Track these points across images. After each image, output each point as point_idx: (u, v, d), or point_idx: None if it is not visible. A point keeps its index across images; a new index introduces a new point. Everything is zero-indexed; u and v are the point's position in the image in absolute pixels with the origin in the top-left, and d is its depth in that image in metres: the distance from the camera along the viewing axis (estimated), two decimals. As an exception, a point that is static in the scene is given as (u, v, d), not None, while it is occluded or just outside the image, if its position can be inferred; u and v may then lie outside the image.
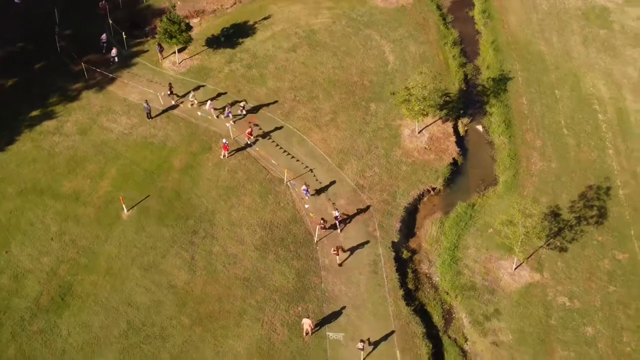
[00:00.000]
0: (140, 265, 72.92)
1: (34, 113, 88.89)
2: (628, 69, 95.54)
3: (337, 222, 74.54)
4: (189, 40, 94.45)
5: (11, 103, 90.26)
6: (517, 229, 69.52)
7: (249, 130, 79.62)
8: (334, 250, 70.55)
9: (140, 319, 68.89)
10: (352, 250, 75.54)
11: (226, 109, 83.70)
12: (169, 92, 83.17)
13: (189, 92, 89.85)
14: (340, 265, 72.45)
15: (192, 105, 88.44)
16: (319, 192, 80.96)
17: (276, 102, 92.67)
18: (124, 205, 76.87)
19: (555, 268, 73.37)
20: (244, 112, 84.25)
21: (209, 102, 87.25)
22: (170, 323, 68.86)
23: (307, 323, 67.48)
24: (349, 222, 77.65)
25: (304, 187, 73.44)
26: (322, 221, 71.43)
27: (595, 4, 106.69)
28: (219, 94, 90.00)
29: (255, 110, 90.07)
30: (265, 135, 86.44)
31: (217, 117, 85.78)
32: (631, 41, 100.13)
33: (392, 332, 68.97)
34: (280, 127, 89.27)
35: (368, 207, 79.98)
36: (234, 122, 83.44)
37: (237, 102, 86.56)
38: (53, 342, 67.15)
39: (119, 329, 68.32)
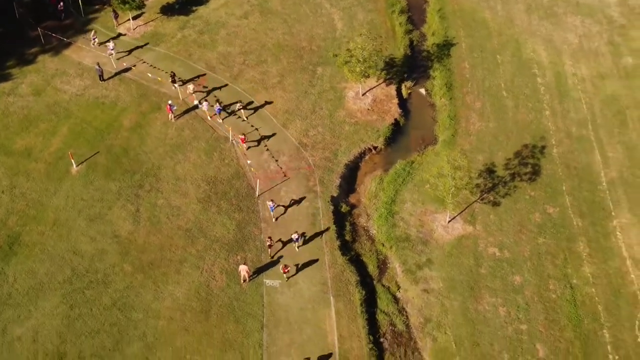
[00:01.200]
0: (87, 216, 75.43)
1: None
2: (569, 35, 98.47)
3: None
4: (142, 6, 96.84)
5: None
6: (446, 180, 71.58)
7: (242, 137, 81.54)
8: (283, 268, 70.40)
9: (84, 266, 71.34)
10: (292, 204, 79.02)
11: (217, 104, 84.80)
12: (171, 80, 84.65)
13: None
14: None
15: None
16: (258, 142, 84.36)
17: (225, 65, 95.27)
18: (73, 161, 79.26)
19: (487, 221, 75.72)
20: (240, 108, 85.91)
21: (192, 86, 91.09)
22: (112, 270, 71.33)
23: (243, 269, 69.95)
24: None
25: (269, 202, 74.30)
26: (269, 239, 72.05)
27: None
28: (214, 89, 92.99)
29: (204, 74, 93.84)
30: (209, 93, 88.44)
31: (199, 102, 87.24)
32: (573, 9, 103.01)
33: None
34: (226, 86, 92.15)
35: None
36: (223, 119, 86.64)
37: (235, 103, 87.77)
38: (-1, 287, 67.91)
39: (64, 275, 70.75)
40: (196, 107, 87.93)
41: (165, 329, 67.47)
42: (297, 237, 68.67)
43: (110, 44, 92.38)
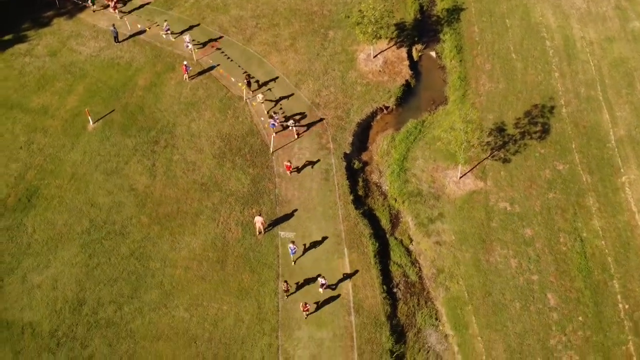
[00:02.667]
0: (104, 170, 76.73)
1: (6, 37, 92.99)
2: (576, 0, 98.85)
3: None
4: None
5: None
6: (458, 134, 72.50)
7: (288, 164, 77.29)
8: (303, 306, 65.85)
9: (102, 218, 72.73)
10: (306, 165, 79.99)
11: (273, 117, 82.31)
12: (246, 82, 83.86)
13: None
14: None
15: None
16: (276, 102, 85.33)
17: (238, 28, 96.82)
18: (89, 118, 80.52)
19: (498, 177, 76.85)
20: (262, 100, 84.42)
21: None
22: (130, 222, 72.69)
23: (259, 221, 71.10)
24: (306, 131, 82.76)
25: (290, 245, 69.69)
26: (285, 284, 67.39)
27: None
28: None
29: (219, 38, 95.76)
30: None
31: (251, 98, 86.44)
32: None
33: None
34: (241, 51, 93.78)
35: (321, 120, 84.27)
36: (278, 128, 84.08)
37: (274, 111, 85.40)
38: (19, 238, 71.14)
39: (82, 226, 72.14)
40: (211, 68, 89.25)
41: (182, 277, 68.63)
42: (323, 282, 65.79)
43: (187, 37, 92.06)
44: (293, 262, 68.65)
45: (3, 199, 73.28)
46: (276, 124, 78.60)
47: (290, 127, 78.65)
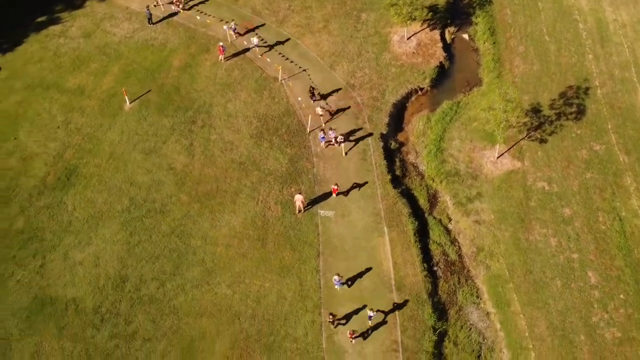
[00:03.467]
0: (142, 150, 76.86)
1: (41, 19, 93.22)
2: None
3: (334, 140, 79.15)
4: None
5: (19, 10, 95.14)
6: (497, 113, 72.73)
7: (335, 187, 74.21)
8: (350, 334, 63.08)
9: (141, 196, 73.15)
10: (346, 138, 79.57)
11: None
12: (310, 96, 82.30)
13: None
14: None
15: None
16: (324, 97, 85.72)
17: (270, 10, 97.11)
18: (126, 98, 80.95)
19: (535, 157, 76.74)
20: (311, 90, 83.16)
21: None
22: (170, 200, 73.04)
23: (299, 199, 71.30)
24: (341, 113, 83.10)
25: (335, 277, 66.57)
26: (330, 316, 64.01)
27: None
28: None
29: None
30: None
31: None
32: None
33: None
34: (276, 34, 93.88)
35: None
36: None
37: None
38: (59, 216, 71.44)
39: (122, 204, 72.57)
40: (247, 50, 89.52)
41: (223, 255, 68.93)
42: (372, 314, 62.63)
43: (255, 39, 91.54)
44: (338, 289, 66.70)
45: (42, 177, 73.55)
46: (325, 138, 77.16)
47: (339, 143, 77.19)
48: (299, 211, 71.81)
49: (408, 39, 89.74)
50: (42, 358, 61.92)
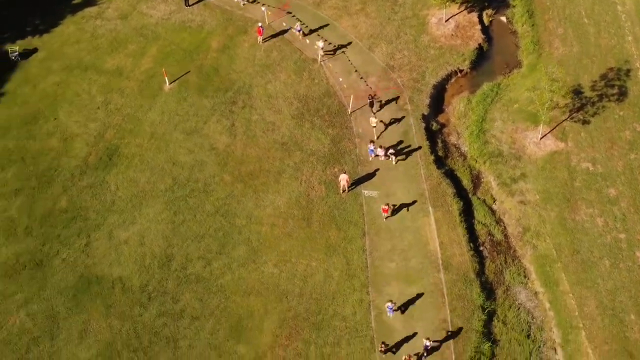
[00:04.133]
0: (183, 130, 76.32)
1: (76, 1, 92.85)
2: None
3: None
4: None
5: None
6: (542, 92, 72.53)
7: (386, 207, 70.97)
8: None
9: (184, 176, 72.81)
10: (392, 122, 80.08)
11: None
12: (369, 103, 79.62)
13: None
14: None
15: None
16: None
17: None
18: (166, 78, 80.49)
19: (578, 138, 76.10)
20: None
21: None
22: (213, 180, 72.75)
23: (344, 179, 71.09)
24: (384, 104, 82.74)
25: (388, 304, 63.35)
26: (382, 345, 60.82)
27: None
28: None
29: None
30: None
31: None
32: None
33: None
34: (312, 15, 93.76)
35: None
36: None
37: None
38: (102, 195, 71.33)
39: (165, 184, 72.27)
40: (285, 31, 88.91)
41: (268, 234, 68.67)
42: (428, 344, 59.52)
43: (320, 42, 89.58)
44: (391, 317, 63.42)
45: (84, 157, 73.28)
46: (374, 152, 74.65)
47: (388, 155, 74.93)
48: (344, 191, 71.38)
49: (446, 21, 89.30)
50: (90, 336, 61.58)
